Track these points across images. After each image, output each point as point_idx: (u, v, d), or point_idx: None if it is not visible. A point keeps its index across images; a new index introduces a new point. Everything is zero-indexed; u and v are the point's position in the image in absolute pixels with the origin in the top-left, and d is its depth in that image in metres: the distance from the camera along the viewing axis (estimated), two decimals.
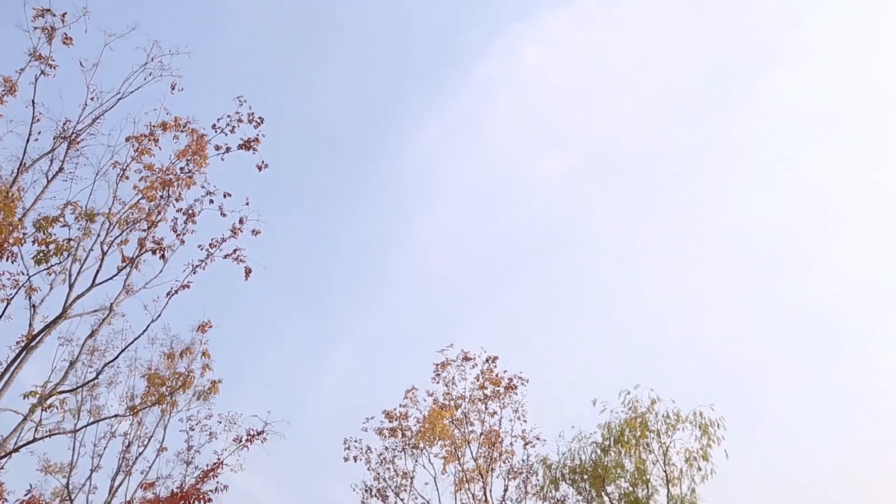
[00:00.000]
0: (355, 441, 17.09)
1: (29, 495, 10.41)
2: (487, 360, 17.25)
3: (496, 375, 17.09)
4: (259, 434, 9.19)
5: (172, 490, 8.55)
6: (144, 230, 10.68)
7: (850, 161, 45.22)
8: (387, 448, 17.05)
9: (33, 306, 10.15)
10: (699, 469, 17.31)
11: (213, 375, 9.42)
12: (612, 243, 47.82)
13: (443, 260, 45.48)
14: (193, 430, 15.94)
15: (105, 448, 16.82)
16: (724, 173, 50.08)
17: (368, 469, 16.92)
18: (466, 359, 17.36)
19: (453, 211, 47.17)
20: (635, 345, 41.35)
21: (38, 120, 10.20)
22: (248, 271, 10.72)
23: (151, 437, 16.90)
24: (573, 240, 47.03)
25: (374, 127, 50.61)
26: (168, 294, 10.28)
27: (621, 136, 48.61)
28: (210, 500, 8.29)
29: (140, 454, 16.68)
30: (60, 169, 10.53)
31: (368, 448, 17.08)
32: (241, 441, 9.16)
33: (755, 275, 44.39)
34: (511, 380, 17.06)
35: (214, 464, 8.66)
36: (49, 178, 10.39)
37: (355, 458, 16.94)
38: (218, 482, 8.38)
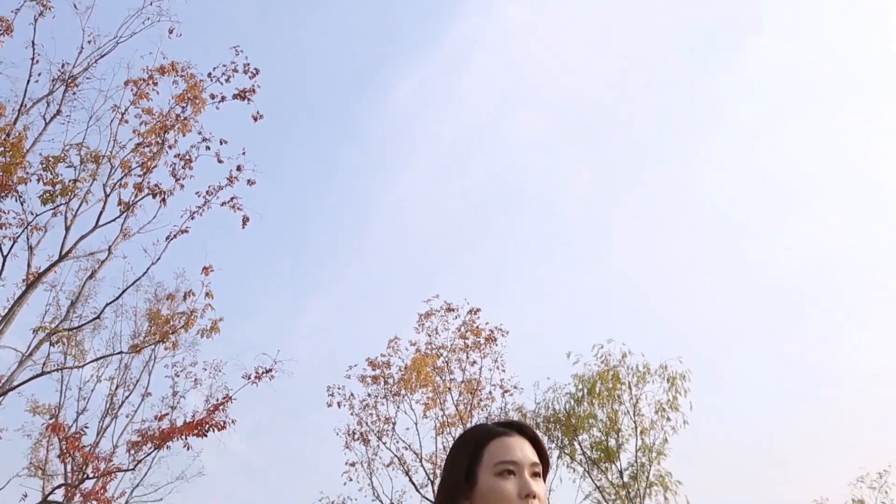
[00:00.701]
0: (339, 388, 17.71)
1: (53, 420, 10.74)
2: (470, 312, 17.90)
3: (477, 327, 17.78)
4: (268, 372, 9.61)
5: (185, 420, 9.01)
6: (140, 175, 10.89)
7: (820, 133, 46.31)
8: (369, 395, 17.72)
9: (30, 247, 10.39)
10: (668, 419, 18.22)
11: (214, 315, 9.87)
12: (586, 204, 48.59)
13: (420, 214, 45.89)
14: (178, 376, 16.40)
15: (92, 391, 17.26)
16: (701, 140, 50.89)
17: (352, 414, 17.61)
18: (450, 310, 17.98)
19: (430, 166, 47.38)
20: (607, 304, 42.55)
21: (37, 62, 10.29)
22: (245, 219, 11.06)
23: (137, 382, 17.38)
24: (547, 199, 47.66)
25: (353, 82, 50.20)
26: (167, 238, 10.58)
27: (599, 99, 49.00)
28: (224, 426, 8.76)
29: (126, 398, 17.16)
30: (58, 112, 10.65)
31: (352, 394, 17.74)
32: (249, 378, 9.60)
33: (725, 243, 45.66)
34: (492, 331, 17.76)
35: (225, 398, 9.09)
36: (47, 120, 10.52)
37: (339, 404, 17.59)
38: (227, 416, 8.85)
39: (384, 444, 17.40)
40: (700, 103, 49.28)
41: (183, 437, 8.74)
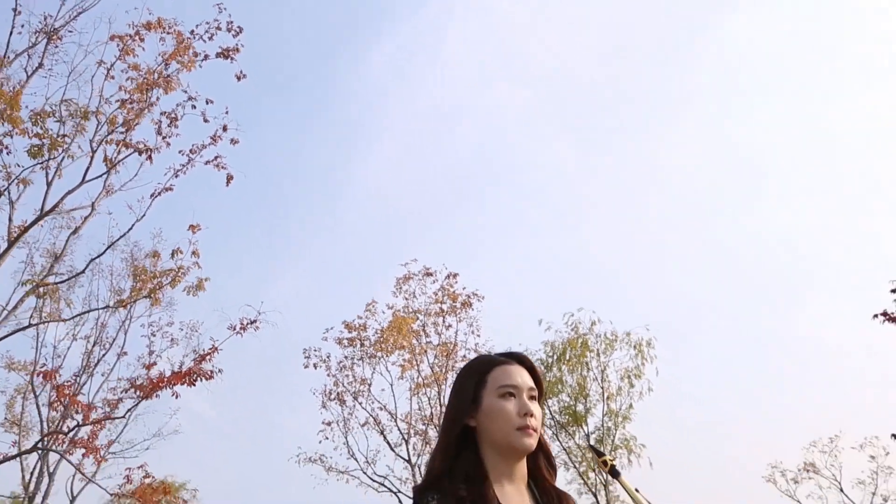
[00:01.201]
0: (315, 350, 17.99)
1: (45, 368, 10.84)
2: (448, 276, 18.22)
3: (454, 291, 18.12)
4: (252, 323, 9.83)
5: (173, 370, 9.20)
6: (123, 132, 10.89)
7: (790, 114, 47.30)
8: (346, 357, 18.04)
9: (11, 202, 10.38)
10: (632, 386, 18.83)
11: (200, 273, 10.00)
12: (561, 177, 49.07)
13: (398, 180, 45.95)
14: (155, 336, 16.49)
15: (68, 349, 17.28)
16: (676, 117, 51.57)
17: (328, 375, 17.92)
18: (428, 274, 18.27)
19: (409, 132, 47.28)
20: (578, 273, 43.40)
21: (19, 13, 10.14)
22: (229, 178, 11.14)
23: (113, 341, 17.43)
24: (523, 170, 48.03)
25: (332, 47, 49.56)
26: (152, 195, 10.62)
27: (579, 74, 49.14)
28: (212, 376, 8.99)
29: (102, 357, 17.22)
30: (40, 65, 10.54)
31: (328, 356, 18.03)
32: (234, 329, 9.80)
33: (695, 219, 46.67)
34: (468, 297, 18.11)
35: (211, 348, 9.29)
36: (29, 73, 10.42)
37: (315, 366, 17.89)
38: (213, 366, 9.06)
39: (360, 404, 17.81)
40: (676, 81, 49.84)
41: (171, 385, 8.95)
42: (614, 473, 1.68)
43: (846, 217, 46.09)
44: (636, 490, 1.62)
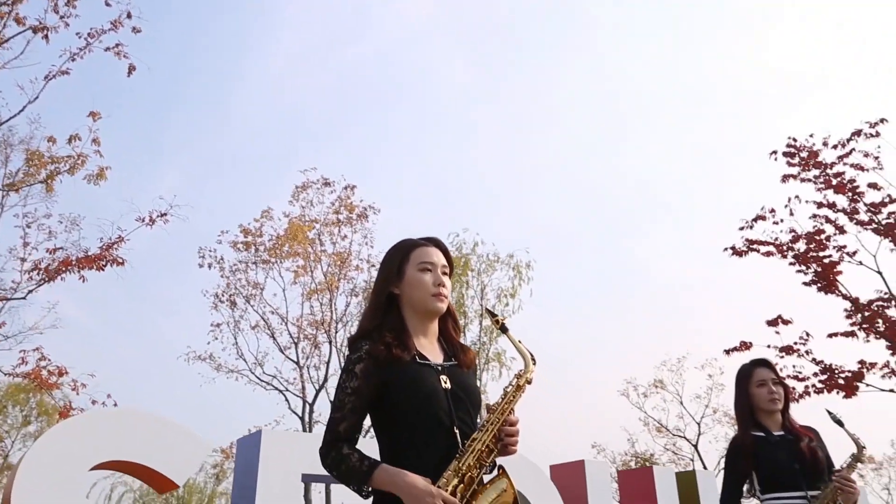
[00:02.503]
0: (210, 250, 17.90)
1: None
2: (346, 188, 18.45)
3: (352, 203, 18.41)
4: (162, 216, 9.82)
5: (78, 256, 9.07)
6: (9, 4, 10.23)
7: (660, 63, 49.66)
8: (240, 261, 18.09)
9: None
10: (507, 305, 20.07)
11: (102, 162, 9.76)
12: (456, 97, 49.43)
13: (296, 85, 44.45)
14: (30, 227, 15.76)
15: None
16: (574, 49, 52.73)
17: (222, 276, 17.96)
18: (326, 184, 18.43)
19: (308, 36, 45.48)
20: (465, 194, 44.70)
21: None
22: (131, 68, 10.80)
23: None
24: (421, 87, 47.88)
25: None
26: (46, 77, 10.16)
27: None
28: (123, 262, 9.01)
29: None
30: None
31: (221, 258, 18.00)
32: (143, 220, 9.74)
33: (573, 154, 48.97)
34: (364, 209, 18.49)
35: (118, 238, 9.25)
36: None
37: (209, 266, 17.86)
38: (118, 255, 9.02)
39: (252, 307, 18.07)
40: (570, 15, 50.68)
41: (80, 269, 8.91)
42: (504, 329, 2.06)
43: (703, 166, 50.15)
44: (519, 342, 2.05)
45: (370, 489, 1.82)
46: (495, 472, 1.87)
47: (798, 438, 3.27)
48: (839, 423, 3.26)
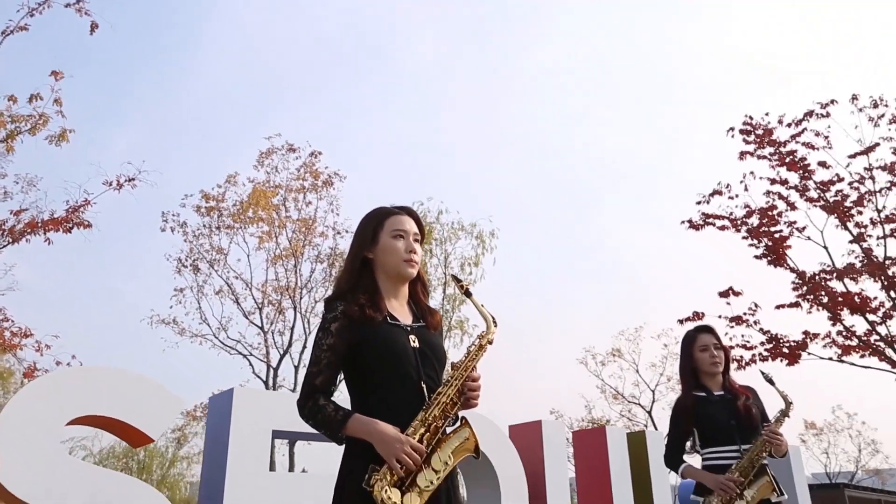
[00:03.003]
0: (174, 214, 17.69)
1: None
2: (312, 154, 18.33)
3: (317, 169, 18.32)
4: (130, 181, 9.67)
5: (43, 219, 8.90)
6: None
7: (625, 32, 49.97)
8: (204, 225, 17.92)
9: None
10: (470, 273, 20.30)
11: (65, 123, 9.55)
12: (426, 66, 49.06)
13: (262, 48, 43.51)
14: None
15: None
16: (542, 23, 52.60)
17: (185, 241, 17.80)
18: (291, 150, 18.29)
19: (272, 3, 44.47)
20: (432, 163, 44.73)
21: None
22: (93, 25, 10.51)
23: None
24: (391, 55, 47.39)
25: None
26: (3, 32, 9.84)
27: None
28: (90, 225, 8.89)
29: None
30: None
31: (185, 222, 17.81)
32: (110, 184, 9.59)
33: (535, 128, 49.30)
34: (330, 176, 18.44)
35: (84, 201, 9.10)
36: None
37: (172, 230, 17.67)
38: (85, 218, 8.89)
39: (216, 271, 17.99)
40: None
41: (45, 231, 8.78)
42: (468, 294, 2.17)
43: (656, 144, 50.96)
44: (482, 305, 2.15)
45: (344, 436, 1.99)
46: (458, 423, 2.04)
47: (736, 397, 3.56)
48: (770, 381, 3.55)
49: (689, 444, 3.73)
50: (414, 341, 2.08)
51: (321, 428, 2.00)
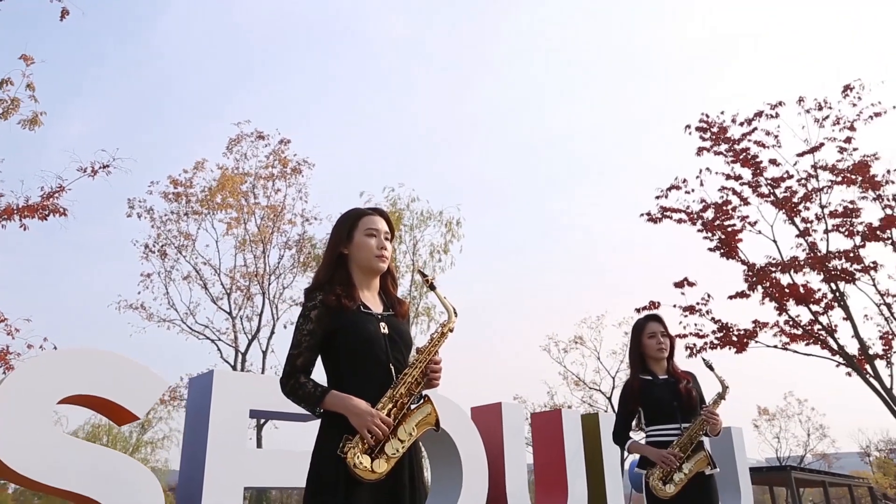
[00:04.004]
0: (140, 200, 17.59)
1: None
2: (281, 142, 18.36)
3: (286, 157, 18.37)
4: (105, 167, 9.68)
5: (20, 205, 8.87)
6: None
7: (592, 22, 50.60)
8: (171, 211, 17.86)
9: None
10: (439, 261, 20.59)
11: (36, 107, 9.49)
12: (396, 51, 48.97)
13: (233, 30, 43.02)
14: None
15: None
16: (509, 11, 52.85)
17: (152, 226, 17.72)
18: (260, 137, 18.29)
19: None
20: (402, 150, 44.83)
21: None
22: (63, 12, 10.45)
23: None
24: (362, 40, 47.21)
25: None
26: None
27: None
28: (66, 213, 8.90)
29: None
30: None
31: (151, 208, 17.72)
32: (85, 171, 9.59)
33: (507, 113, 49.81)
34: (299, 163, 18.50)
35: (59, 187, 9.10)
36: None
37: (139, 216, 17.57)
38: (60, 205, 8.91)
39: (183, 257, 17.96)
40: None
41: (22, 217, 8.76)
42: (432, 287, 2.41)
43: (618, 128, 51.87)
44: (445, 297, 2.38)
45: (321, 410, 2.29)
46: (422, 400, 2.35)
47: (678, 381, 3.94)
48: (710, 367, 3.93)
49: (634, 422, 4.10)
50: (384, 328, 2.34)
51: (301, 402, 2.29)
